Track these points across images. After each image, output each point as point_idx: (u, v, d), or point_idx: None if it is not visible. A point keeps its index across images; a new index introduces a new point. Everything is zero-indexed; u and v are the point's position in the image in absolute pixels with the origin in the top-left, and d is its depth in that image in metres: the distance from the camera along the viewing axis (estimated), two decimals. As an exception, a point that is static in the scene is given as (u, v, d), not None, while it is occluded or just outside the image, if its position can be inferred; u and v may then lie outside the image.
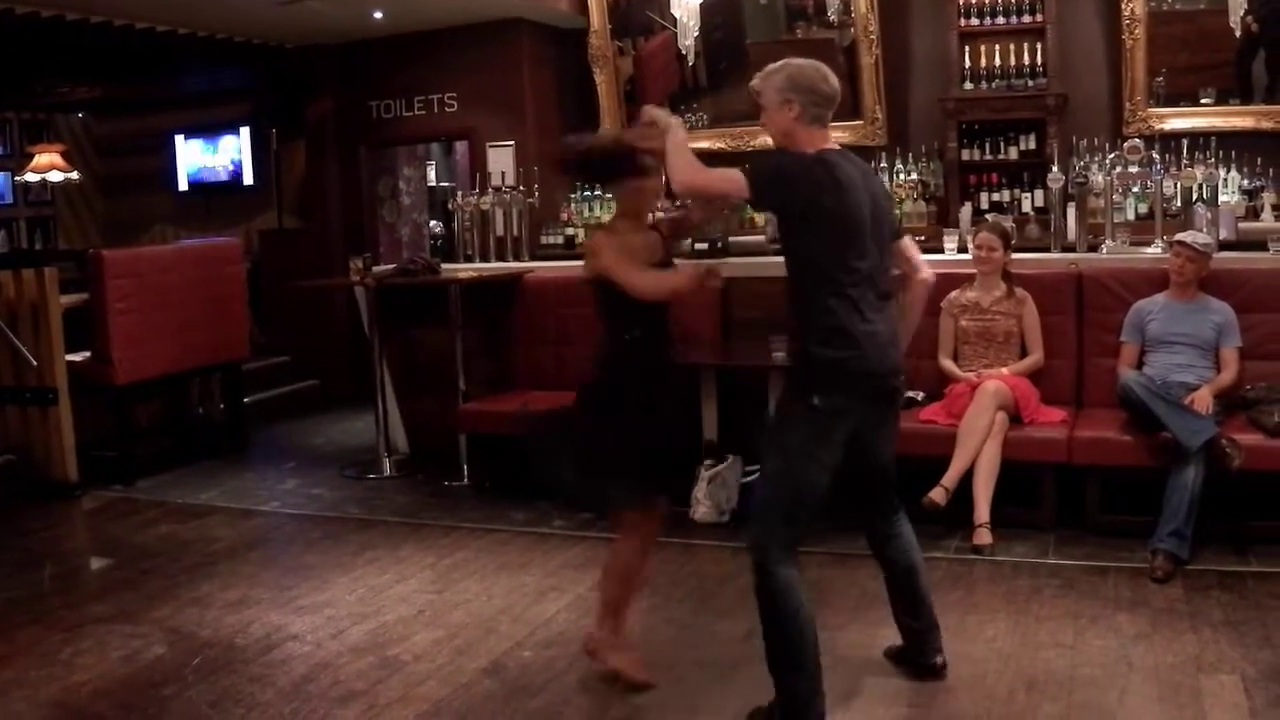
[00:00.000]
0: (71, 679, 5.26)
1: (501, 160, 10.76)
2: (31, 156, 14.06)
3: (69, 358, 8.67)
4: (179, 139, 14.23)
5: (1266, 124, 8.74)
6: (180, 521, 7.89)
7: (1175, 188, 8.45)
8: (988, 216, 8.66)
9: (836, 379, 4.29)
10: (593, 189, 10.48)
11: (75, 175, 14.21)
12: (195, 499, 8.46)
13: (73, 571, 7.17)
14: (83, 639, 5.74)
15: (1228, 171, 8.67)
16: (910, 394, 7.30)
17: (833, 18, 9.90)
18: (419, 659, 5.35)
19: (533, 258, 9.80)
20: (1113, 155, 8.50)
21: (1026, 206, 9.24)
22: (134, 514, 8.13)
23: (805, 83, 4.45)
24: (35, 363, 8.46)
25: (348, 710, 4.83)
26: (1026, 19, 9.24)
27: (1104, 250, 7.72)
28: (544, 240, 10.48)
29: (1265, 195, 8.54)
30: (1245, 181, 8.67)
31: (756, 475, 7.05)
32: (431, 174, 13.80)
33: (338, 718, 4.77)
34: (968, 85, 9.39)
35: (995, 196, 9.42)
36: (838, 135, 9.78)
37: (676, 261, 5.17)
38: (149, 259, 9.68)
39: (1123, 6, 9.04)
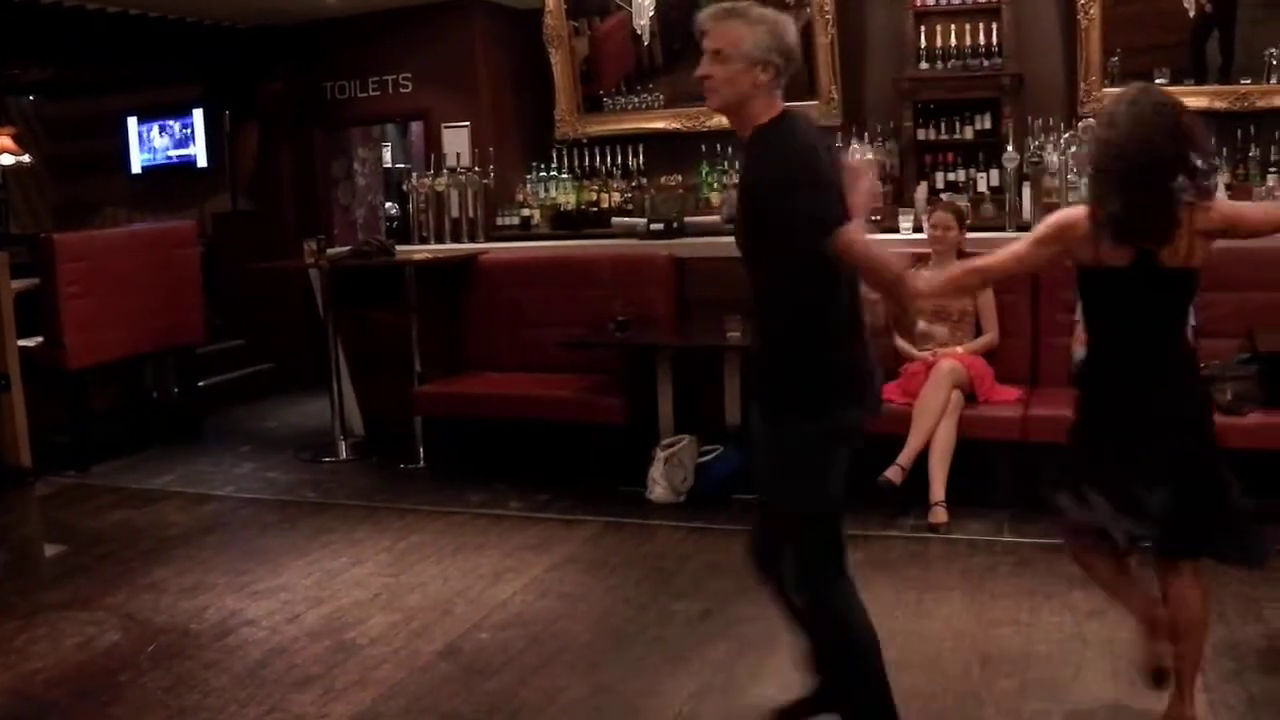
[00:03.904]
0: (26, 667, 5.22)
1: (457, 141, 10.73)
2: (-19, 140, 13.91)
3: (21, 343, 8.58)
4: (131, 121, 14.09)
5: (1220, 104, 8.77)
6: (135, 507, 7.84)
7: (1130, 167, 8.48)
8: (943, 196, 8.72)
9: None
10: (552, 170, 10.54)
11: (26, 158, 14.05)
12: (150, 484, 8.40)
13: (27, 558, 7.12)
14: (37, 626, 5.69)
15: (1181, 150, 8.71)
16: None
17: (788, -2, 9.90)
18: (375, 642, 5.33)
19: (488, 239, 9.79)
20: (1068, 135, 8.52)
21: (982, 186, 9.27)
22: (88, 499, 8.07)
23: (787, 43, 3.73)
24: (-14, 348, 8.39)
25: (304, 694, 4.81)
26: (982, -1, 9.27)
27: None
28: (499, 221, 10.46)
29: (1219, 175, 8.58)
30: (1199, 161, 8.71)
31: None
32: (387, 155, 13.74)
33: (294, 702, 4.75)
34: (923, 65, 9.39)
35: (951, 176, 9.44)
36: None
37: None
38: (101, 243, 9.61)
39: (1078, -13, 9.08)
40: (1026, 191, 8.17)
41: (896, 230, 8.17)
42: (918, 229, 7.95)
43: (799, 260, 3.57)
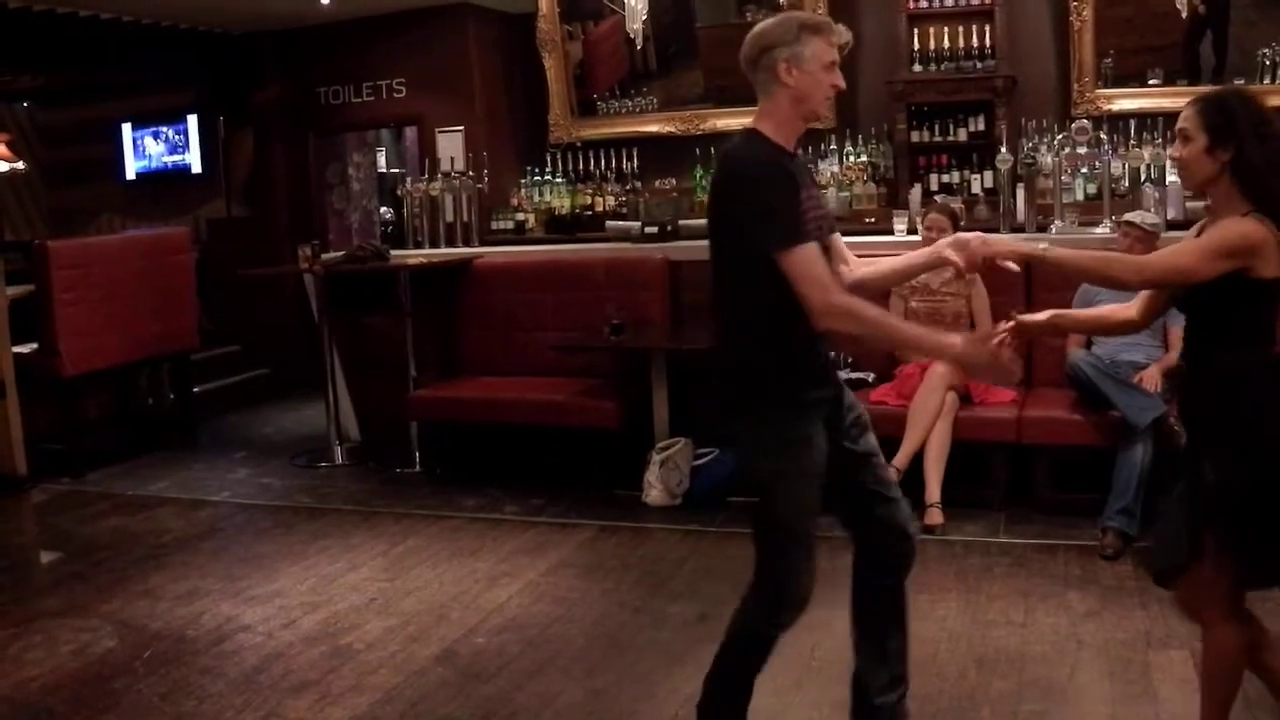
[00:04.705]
0: (21, 674, 5.21)
1: (451, 146, 10.71)
2: (-24, 147, 13.89)
3: (15, 350, 8.57)
4: (125, 128, 14.09)
5: (1213, 104, 8.77)
6: (130, 513, 7.83)
7: (1123, 168, 8.51)
8: (937, 198, 8.69)
9: None
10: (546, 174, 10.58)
11: (21, 165, 14.04)
12: (145, 490, 8.40)
13: (22, 565, 7.11)
14: (32, 633, 5.69)
15: (1175, 152, 8.71)
16: (861, 375, 7.36)
17: (782, 1, 9.89)
18: (371, 647, 5.33)
19: (483, 243, 9.79)
20: (1061, 136, 8.53)
21: (976, 188, 9.27)
22: (84, 506, 8.06)
23: None
24: (-19, 355, 8.38)
25: (299, 700, 4.81)
26: (975, 1, 9.24)
27: (1053, 231, 7.75)
28: (494, 225, 10.47)
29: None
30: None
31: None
32: (382, 160, 13.73)
33: (289, 708, 4.75)
34: (916, 67, 9.40)
35: (944, 178, 9.44)
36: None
37: None
38: (96, 249, 9.61)
39: (1070, -11, 9.10)
40: (1020, 193, 8.18)
41: (890, 232, 8.18)
42: (912, 231, 7.96)
43: None
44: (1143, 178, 8.30)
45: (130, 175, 14.15)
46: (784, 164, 3.64)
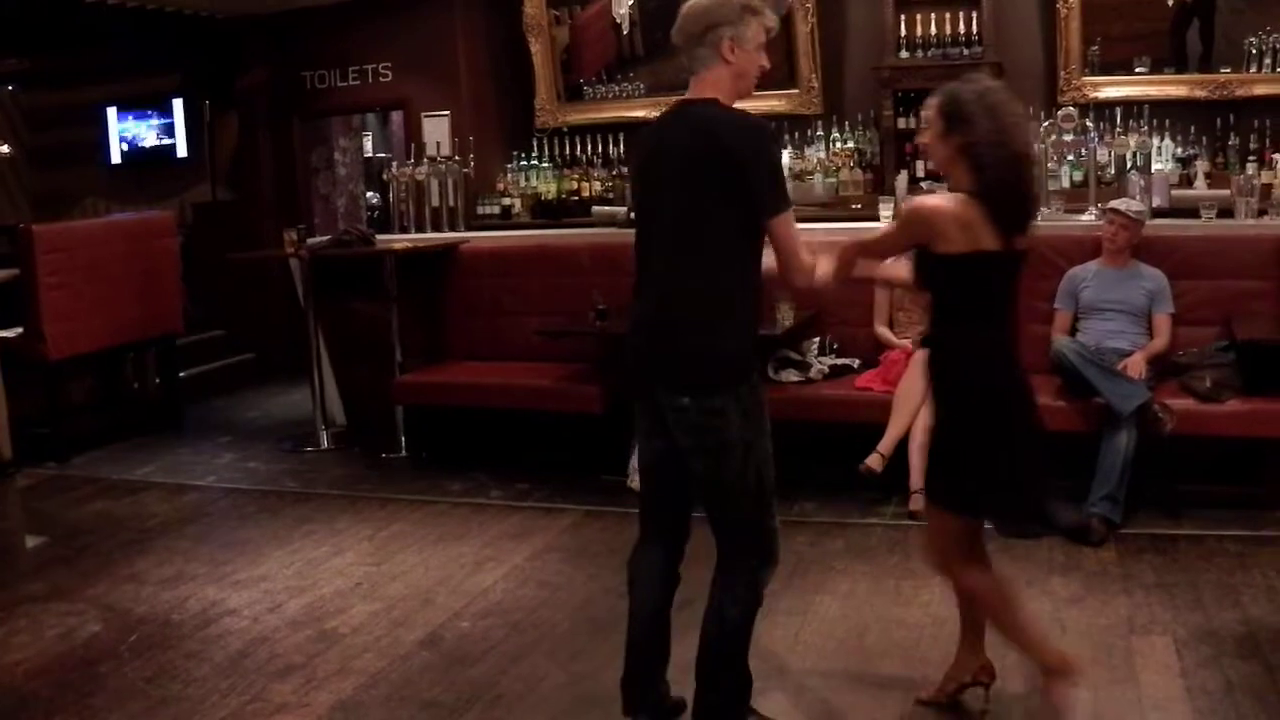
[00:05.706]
0: (6, 659, 5.21)
1: (437, 130, 10.70)
2: (-41, 130, 13.87)
3: (0, 334, 8.55)
4: (110, 111, 14.05)
5: (1200, 93, 8.79)
6: (115, 498, 7.83)
7: (1109, 156, 8.53)
8: (923, 185, 8.71)
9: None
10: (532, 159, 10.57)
11: (5, 148, 14.02)
12: (130, 475, 8.39)
13: (6, 550, 7.07)
14: (17, 618, 5.69)
15: (1161, 139, 8.74)
16: (846, 361, 7.35)
17: (770, -15, 9.87)
18: (356, 631, 5.34)
19: (468, 228, 9.77)
20: (1047, 123, 8.54)
21: (962, 174, 9.27)
22: (68, 491, 8.06)
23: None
24: (-36, 339, 8.35)
25: (285, 684, 4.81)
26: (962, -13, 9.26)
27: (1038, 218, 7.76)
28: (480, 210, 10.45)
29: (1198, 163, 8.60)
30: (1178, 149, 8.74)
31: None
32: (368, 144, 13.70)
33: (275, 691, 4.75)
34: (903, 54, 9.39)
35: (931, 165, 9.43)
36: (773, 105, 9.92)
37: None
38: (80, 233, 9.58)
39: (1057, -25, 9.10)
40: (1006, 180, 8.17)
41: (877, 219, 8.18)
42: (897, 217, 7.96)
43: None
44: (1128, 165, 8.33)
45: (115, 159, 14.11)
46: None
